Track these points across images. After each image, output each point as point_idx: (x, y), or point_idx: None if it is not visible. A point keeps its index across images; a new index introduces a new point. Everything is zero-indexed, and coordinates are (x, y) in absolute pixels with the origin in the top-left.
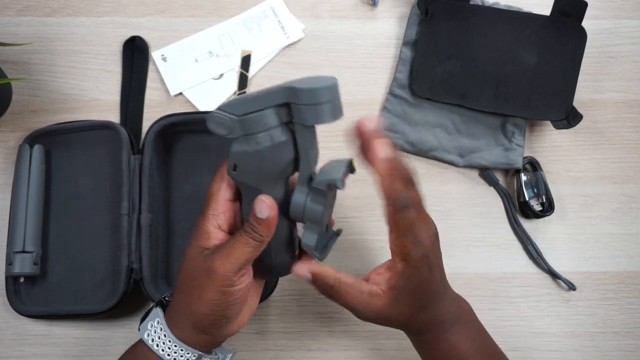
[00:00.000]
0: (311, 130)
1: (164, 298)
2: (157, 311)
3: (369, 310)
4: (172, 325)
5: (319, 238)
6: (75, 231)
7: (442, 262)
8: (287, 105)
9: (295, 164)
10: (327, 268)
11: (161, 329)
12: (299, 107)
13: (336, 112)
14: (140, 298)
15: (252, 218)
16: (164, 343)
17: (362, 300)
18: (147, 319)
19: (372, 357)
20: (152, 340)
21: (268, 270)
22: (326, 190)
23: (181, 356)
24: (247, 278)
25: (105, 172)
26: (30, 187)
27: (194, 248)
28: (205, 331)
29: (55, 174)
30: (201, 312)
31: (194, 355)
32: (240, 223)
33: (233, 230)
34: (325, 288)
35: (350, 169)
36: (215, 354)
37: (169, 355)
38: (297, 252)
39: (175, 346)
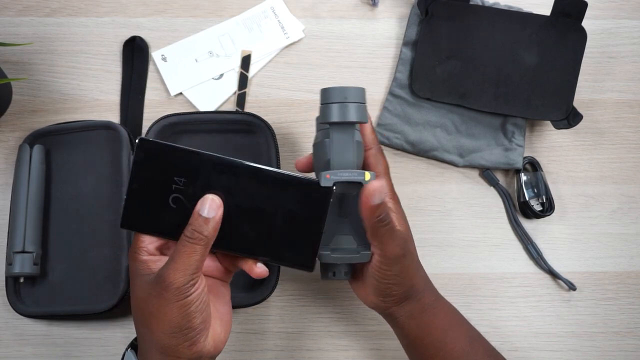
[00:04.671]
0: (336, 131)
1: (135, 339)
2: (130, 355)
3: (405, 244)
4: (143, 359)
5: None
6: (75, 231)
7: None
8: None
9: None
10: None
11: None
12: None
13: (346, 113)
14: None
15: (195, 219)
16: None
17: (400, 234)
18: None
19: (372, 357)
20: None
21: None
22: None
23: None
24: (201, 283)
25: (105, 172)
26: (30, 187)
27: (137, 280)
28: (176, 354)
29: (55, 174)
30: (165, 333)
31: None
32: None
33: (165, 251)
34: (385, 215)
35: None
36: None
37: None
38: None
39: None
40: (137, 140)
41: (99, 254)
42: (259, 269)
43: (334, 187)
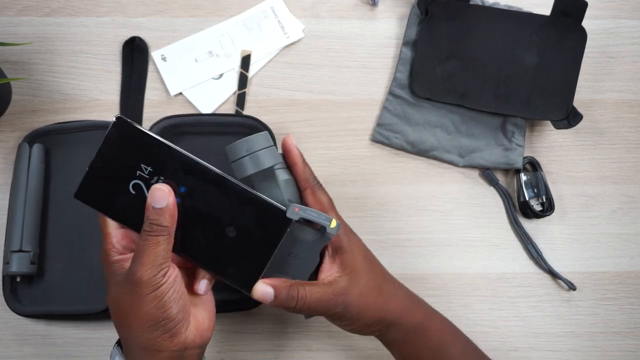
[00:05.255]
0: (258, 181)
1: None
2: (115, 351)
3: (339, 300)
4: (129, 358)
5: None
6: (73, 230)
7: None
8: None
9: None
10: (283, 279)
11: None
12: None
13: (258, 163)
14: None
15: (149, 212)
16: None
17: (328, 293)
18: None
19: (371, 357)
20: None
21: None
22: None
23: None
24: (172, 272)
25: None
26: (29, 186)
27: (111, 280)
28: (158, 347)
29: (55, 174)
30: (144, 328)
31: None
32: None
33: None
34: (291, 300)
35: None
36: None
37: None
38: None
39: None
40: (114, 117)
41: (97, 254)
42: (198, 285)
43: (294, 220)
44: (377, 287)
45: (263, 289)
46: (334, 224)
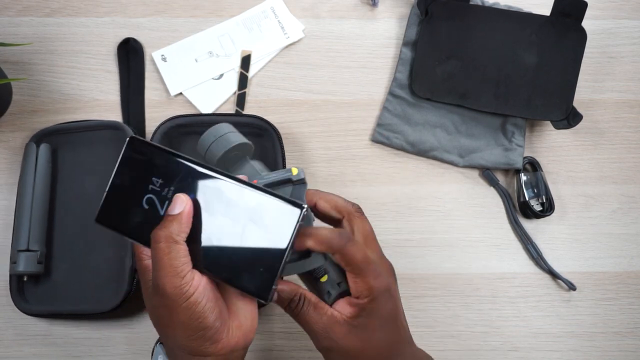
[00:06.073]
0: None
1: None
2: (158, 349)
3: (326, 336)
4: (172, 358)
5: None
6: (80, 231)
7: (402, 309)
8: None
9: None
10: (292, 284)
11: None
12: None
13: (225, 144)
14: (142, 299)
15: (164, 219)
16: None
17: (320, 323)
18: (153, 358)
19: None
20: None
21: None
22: None
23: None
24: (199, 280)
25: (111, 172)
26: (36, 186)
27: (145, 287)
28: (201, 352)
29: (61, 173)
30: (184, 338)
31: None
32: None
33: None
34: (289, 305)
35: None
36: None
37: None
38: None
39: None
40: (127, 139)
41: (103, 255)
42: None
43: (305, 209)
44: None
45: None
46: (295, 171)
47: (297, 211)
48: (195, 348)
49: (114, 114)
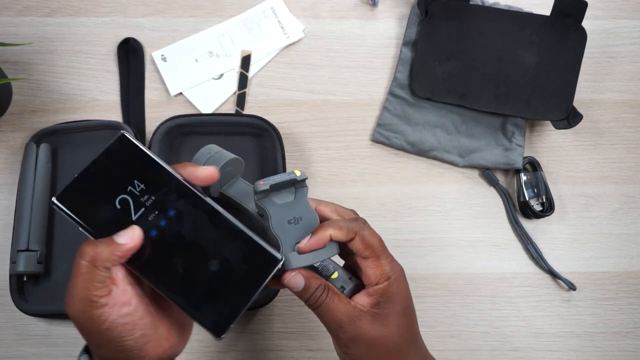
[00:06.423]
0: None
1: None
2: (84, 357)
3: (352, 325)
4: None
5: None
6: (80, 231)
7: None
8: None
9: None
10: (317, 276)
11: None
12: None
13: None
14: None
15: (105, 241)
16: None
17: (346, 312)
18: None
19: None
20: None
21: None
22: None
23: None
24: (113, 302)
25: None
26: (36, 186)
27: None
28: None
29: (61, 173)
30: (105, 351)
31: None
32: None
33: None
34: (313, 295)
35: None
36: None
37: None
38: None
39: None
40: (119, 134)
41: None
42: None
43: (282, 261)
44: (396, 348)
45: (297, 277)
46: (298, 172)
47: (275, 261)
48: (108, 357)
49: (114, 114)
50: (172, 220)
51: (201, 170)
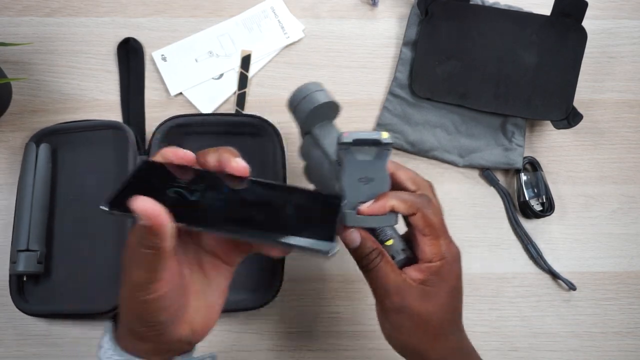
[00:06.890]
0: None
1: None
2: (108, 325)
3: (400, 295)
4: (119, 335)
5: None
6: (79, 230)
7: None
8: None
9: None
10: (374, 239)
11: (108, 341)
12: None
13: (315, 99)
14: None
15: (137, 229)
16: (110, 357)
17: (395, 282)
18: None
19: (372, 357)
20: (104, 353)
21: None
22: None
23: None
24: (164, 284)
25: (111, 172)
26: (36, 186)
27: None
28: (143, 339)
29: (61, 173)
30: (130, 319)
31: None
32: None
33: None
34: (367, 257)
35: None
36: None
37: None
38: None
39: (120, 356)
40: (139, 162)
41: (103, 254)
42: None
43: (344, 202)
44: (438, 326)
45: (354, 234)
46: (385, 135)
47: (339, 197)
48: (138, 332)
49: (114, 114)
50: (230, 193)
51: (233, 163)
